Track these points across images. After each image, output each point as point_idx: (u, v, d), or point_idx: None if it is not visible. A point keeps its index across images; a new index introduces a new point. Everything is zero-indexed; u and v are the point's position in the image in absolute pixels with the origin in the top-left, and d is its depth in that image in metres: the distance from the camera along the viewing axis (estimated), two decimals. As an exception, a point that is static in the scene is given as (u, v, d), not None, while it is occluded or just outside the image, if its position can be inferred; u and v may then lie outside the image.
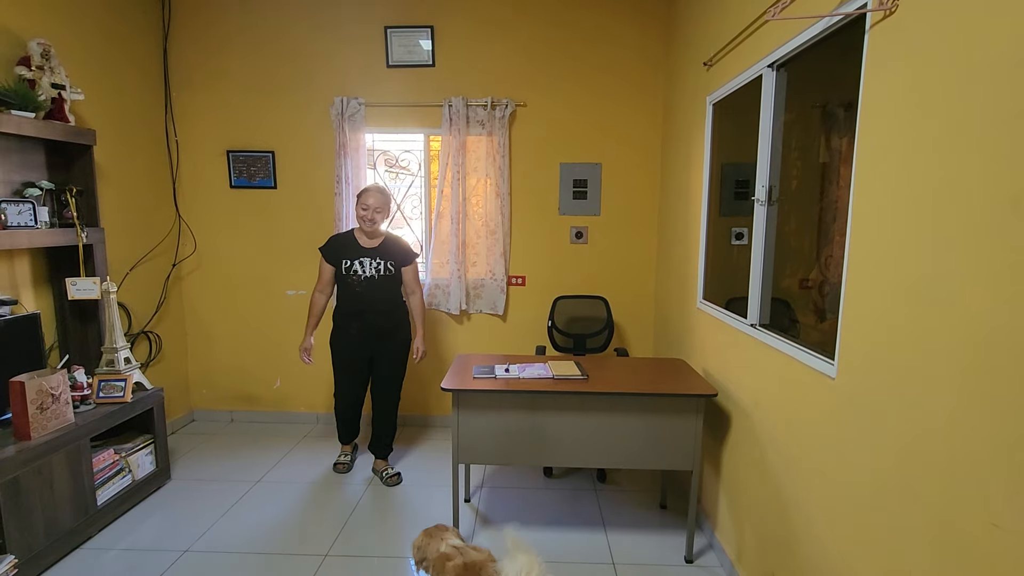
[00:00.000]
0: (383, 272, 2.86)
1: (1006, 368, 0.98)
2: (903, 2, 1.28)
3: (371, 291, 2.85)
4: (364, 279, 2.83)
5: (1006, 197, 0.98)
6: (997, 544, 0.99)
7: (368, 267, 2.83)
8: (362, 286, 2.83)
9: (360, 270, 2.83)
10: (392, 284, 2.91)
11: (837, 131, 1.95)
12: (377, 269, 2.84)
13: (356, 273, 2.83)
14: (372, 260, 2.84)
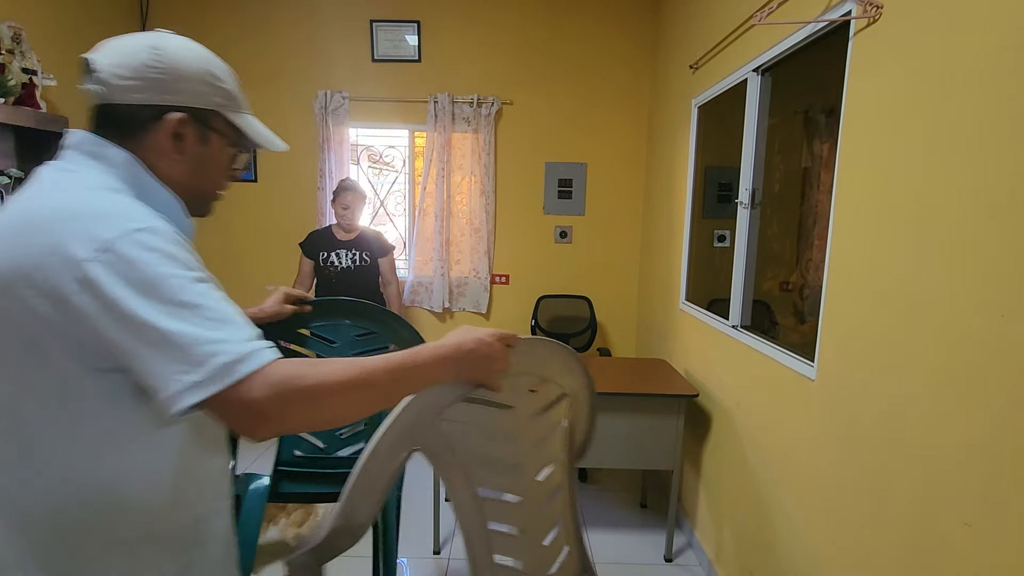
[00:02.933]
0: (359, 263, 2.94)
1: (980, 371, 1.00)
2: (887, 10, 1.30)
3: (347, 281, 2.92)
4: (340, 270, 2.91)
5: (984, 204, 1.00)
6: (969, 543, 1.01)
7: (344, 258, 2.91)
8: (338, 277, 2.91)
9: (336, 261, 2.91)
10: (368, 275, 2.99)
11: (819, 136, 1.98)
12: (353, 260, 2.92)
13: (332, 264, 2.91)
14: (348, 252, 2.92)
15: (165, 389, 0.57)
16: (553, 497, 0.96)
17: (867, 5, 1.34)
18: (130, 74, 0.69)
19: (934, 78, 1.14)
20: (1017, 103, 0.94)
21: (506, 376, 0.81)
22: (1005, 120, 0.97)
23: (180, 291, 0.60)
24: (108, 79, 0.69)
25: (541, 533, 0.94)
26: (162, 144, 0.71)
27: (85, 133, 0.71)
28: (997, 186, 0.98)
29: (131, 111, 0.70)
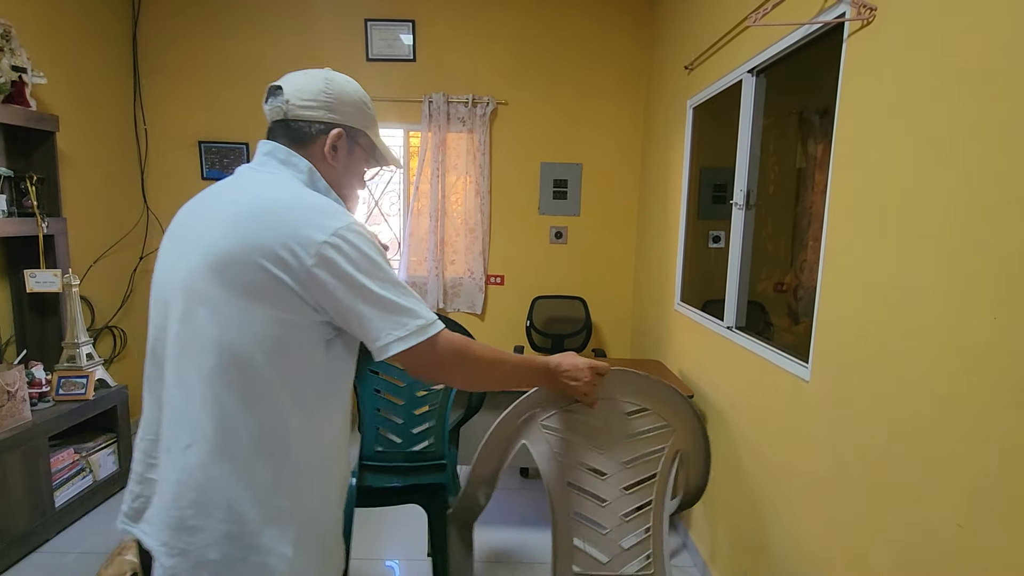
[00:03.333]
0: None
1: (973, 372, 1.00)
2: (880, 12, 1.30)
3: None
4: None
5: (977, 206, 1.00)
6: (962, 544, 1.01)
7: None
8: None
9: None
10: None
11: (813, 137, 1.98)
12: None
13: None
14: None
15: (381, 339, 0.81)
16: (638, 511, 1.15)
17: (861, 7, 1.34)
18: (308, 97, 0.92)
19: (927, 80, 1.14)
20: (1011, 104, 0.94)
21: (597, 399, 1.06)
22: (998, 122, 0.97)
23: (386, 272, 0.83)
24: (291, 99, 0.93)
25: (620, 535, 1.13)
26: (323, 152, 0.92)
27: (275, 144, 0.92)
28: (990, 188, 0.98)
29: (306, 125, 0.92)
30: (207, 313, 0.79)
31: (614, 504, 1.13)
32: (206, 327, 0.79)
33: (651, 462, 1.17)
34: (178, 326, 0.82)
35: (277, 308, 0.78)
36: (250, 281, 0.77)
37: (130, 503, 0.92)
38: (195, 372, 0.80)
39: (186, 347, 0.81)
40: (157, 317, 0.87)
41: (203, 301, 0.79)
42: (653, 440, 1.15)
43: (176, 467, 0.81)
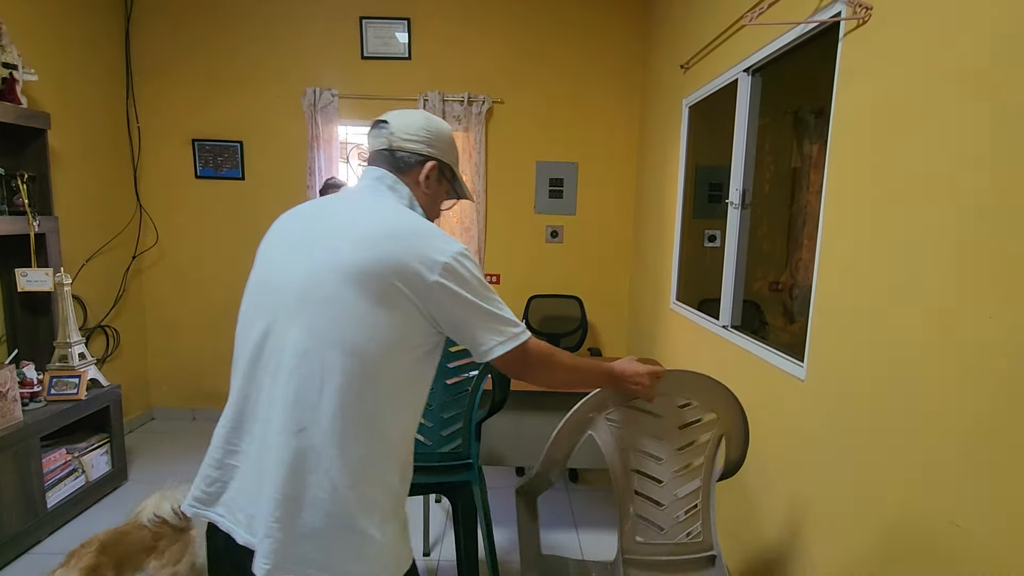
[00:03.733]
0: None
1: (968, 371, 1.00)
2: (876, 12, 1.30)
3: None
4: None
5: (972, 205, 1.01)
6: (956, 542, 1.02)
7: None
8: None
9: None
10: None
11: (809, 137, 1.99)
12: None
13: None
14: None
15: (485, 345, 0.97)
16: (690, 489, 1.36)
17: (857, 7, 1.34)
18: (411, 132, 1.07)
19: (923, 79, 1.15)
20: (1006, 103, 0.95)
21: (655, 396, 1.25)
22: (994, 122, 0.97)
23: (488, 290, 0.99)
24: (396, 132, 1.07)
25: (675, 509, 1.37)
26: (418, 180, 1.07)
27: (383, 171, 1.06)
28: (986, 187, 0.98)
29: (407, 155, 1.06)
30: (337, 314, 0.90)
31: (669, 483, 1.35)
32: (335, 326, 0.90)
33: (700, 446, 1.37)
34: (299, 323, 0.92)
35: (398, 315, 0.92)
36: (380, 291, 0.90)
37: (204, 488, 0.98)
38: (318, 364, 0.89)
39: (309, 341, 0.90)
40: (264, 314, 0.97)
41: (333, 304, 0.91)
42: (701, 428, 1.36)
43: (285, 447, 0.89)
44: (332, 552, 0.91)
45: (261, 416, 0.94)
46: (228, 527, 0.95)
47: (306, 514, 0.89)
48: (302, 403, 0.90)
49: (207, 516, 0.99)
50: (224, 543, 0.96)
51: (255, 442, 0.95)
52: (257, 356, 0.96)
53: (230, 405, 0.99)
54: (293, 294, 0.93)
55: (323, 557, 0.90)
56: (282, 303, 0.94)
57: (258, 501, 0.91)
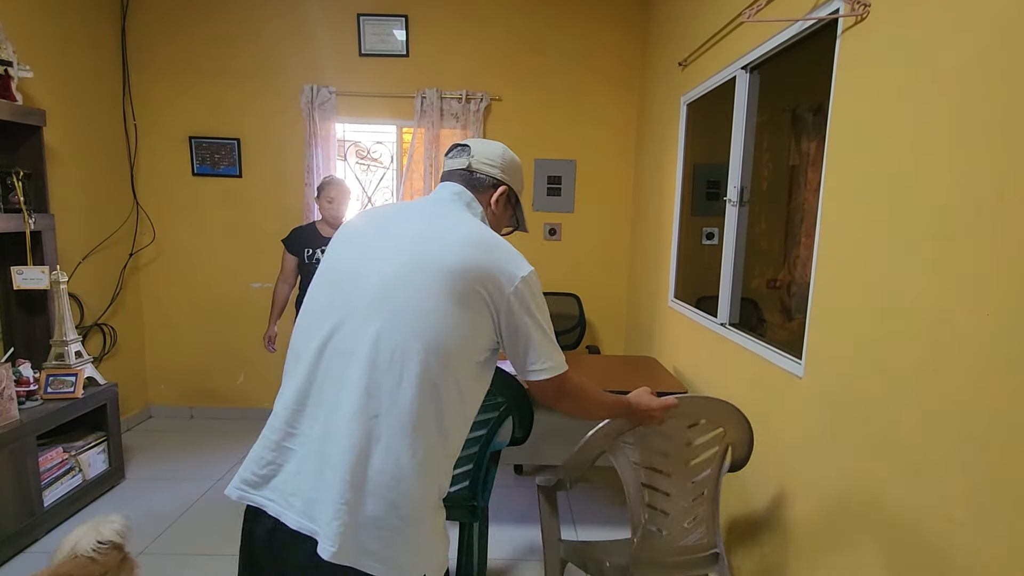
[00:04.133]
0: None
1: (966, 368, 1.00)
2: (874, 9, 1.30)
3: None
4: None
5: (971, 202, 1.01)
6: (954, 540, 1.02)
7: None
8: None
9: (321, 258, 2.83)
10: None
11: (806, 134, 1.99)
12: None
13: (317, 261, 2.84)
14: None
15: (535, 365, 1.05)
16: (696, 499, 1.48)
17: (855, 3, 1.34)
18: (490, 158, 1.17)
19: (921, 76, 1.15)
20: (1003, 100, 0.95)
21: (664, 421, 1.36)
22: (991, 119, 0.97)
23: (547, 317, 1.07)
24: (477, 156, 1.16)
25: (683, 517, 1.48)
26: (490, 201, 1.17)
27: (461, 188, 1.14)
28: (983, 184, 0.98)
29: (485, 178, 1.16)
30: (422, 310, 0.96)
31: (677, 495, 1.44)
32: (419, 320, 0.96)
33: (707, 460, 1.47)
34: (381, 314, 0.97)
35: (476, 317, 0.99)
36: (465, 293, 0.97)
37: (256, 470, 0.99)
38: (399, 354, 0.94)
39: (392, 332, 0.95)
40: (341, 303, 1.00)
41: (418, 299, 0.96)
42: (708, 443, 1.45)
43: (358, 433, 0.92)
44: (389, 543, 0.93)
45: (328, 400, 0.96)
46: (277, 511, 0.95)
47: (370, 502, 0.92)
48: (379, 391, 0.93)
49: (254, 500, 0.99)
50: (269, 528, 0.97)
51: (318, 425, 0.96)
52: (328, 343, 0.99)
53: (292, 388, 1.00)
54: (376, 287, 0.98)
55: (381, 547, 0.92)
56: (363, 295, 0.99)
57: (320, 485, 0.93)
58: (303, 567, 0.94)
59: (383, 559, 0.92)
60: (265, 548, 0.99)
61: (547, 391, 1.09)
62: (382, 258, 1.01)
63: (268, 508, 0.97)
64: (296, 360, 1.03)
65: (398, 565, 0.94)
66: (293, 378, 1.01)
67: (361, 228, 1.12)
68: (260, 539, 0.99)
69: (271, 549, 0.98)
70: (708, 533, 1.49)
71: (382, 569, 0.92)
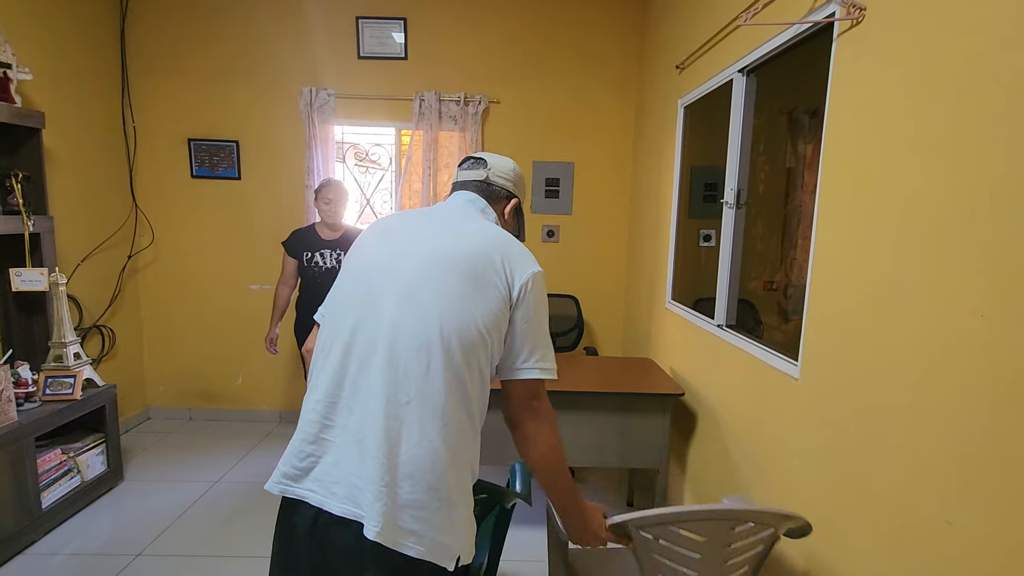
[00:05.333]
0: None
1: (962, 370, 1.01)
2: (869, 12, 1.31)
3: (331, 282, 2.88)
4: (324, 270, 2.84)
5: (966, 206, 1.02)
6: (950, 541, 1.03)
7: (329, 258, 2.84)
8: (323, 277, 2.84)
9: (321, 261, 2.84)
10: None
11: (803, 137, 2.00)
12: (337, 260, 2.85)
13: (317, 264, 2.84)
14: (332, 251, 2.85)
15: (528, 361, 1.08)
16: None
17: (850, 7, 1.35)
18: (504, 172, 1.25)
19: (916, 80, 1.16)
20: (998, 104, 0.96)
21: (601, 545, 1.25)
22: (986, 122, 0.98)
23: (547, 318, 1.13)
24: (493, 169, 1.24)
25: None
26: (503, 211, 1.25)
27: (476, 196, 1.22)
28: (978, 188, 0.99)
29: (499, 189, 1.24)
30: (446, 300, 1.01)
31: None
32: (444, 310, 1.01)
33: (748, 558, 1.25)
34: (408, 306, 1.02)
35: (495, 306, 1.04)
36: (485, 285, 1.04)
37: (296, 464, 1.03)
38: (425, 342, 0.99)
39: (418, 322, 1.00)
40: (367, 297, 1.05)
41: (443, 291, 1.02)
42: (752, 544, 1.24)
43: (393, 418, 0.98)
44: (429, 523, 0.97)
45: (363, 391, 1.00)
46: (319, 501, 0.99)
47: (407, 484, 0.96)
48: (408, 379, 0.98)
49: (296, 493, 1.02)
50: (312, 517, 1.00)
51: (354, 416, 1.00)
52: (357, 336, 1.03)
53: (324, 382, 1.04)
54: (401, 282, 1.04)
55: (421, 527, 0.96)
56: (389, 290, 1.04)
57: (361, 472, 0.97)
58: (348, 551, 0.98)
59: (423, 539, 0.96)
60: (308, 538, 1.01)
61: (526, 395, 1.10)
62: (406, 255, 1.07)
63: (310, 499, 1.00)
64: (325, 355, 1.06)
65: (437, 545, 0.97)
66: (324, 372, 1.05)
67: (384, 230, 1.17)
68: (303, 529, 1.02)
69: (314, 538, 1.01)
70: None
71: (422, 549, 0.96)
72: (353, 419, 1.00)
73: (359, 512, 0.96)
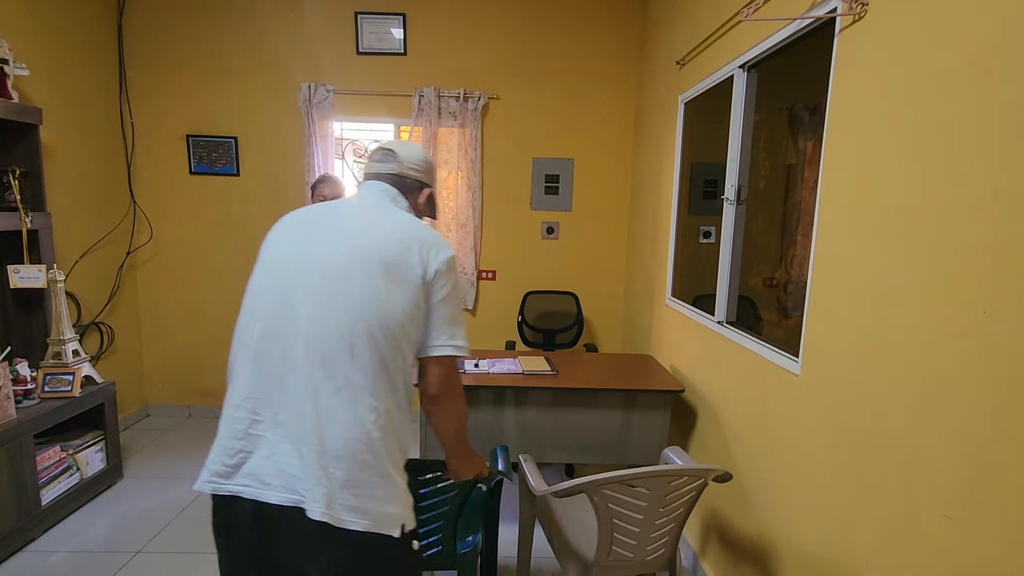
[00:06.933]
0: None
1: (962, 366, 1.01)
2: (872, 8, 1.30)
3: None
4: None
5: (967, 203, 1.01)
6: (949, 535, 1.03)
7: None
8: None
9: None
10: None
11: (803, 134, 1.99)
12: None
13: None
14: None
15: (439, 339, 1.14)
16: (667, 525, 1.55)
17: (852, 3, 1.35)
18: (416, 163, 1.31)
19: (918, 76, 1.15)
20: (999, 101, 0.95)
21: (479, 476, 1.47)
22: (988, 119, 0.98)
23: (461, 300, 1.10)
24: (404, 162, 1.29)
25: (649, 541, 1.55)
26: (416, 201, 1.32)
27: (388, 186, 1.26)
28: (979, 184, 0.99)
29: (412, 181, 1.30)
30: (366, 292, 1.06)
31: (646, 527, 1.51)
32: (364, 302, 1.06)
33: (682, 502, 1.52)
34: (328, 300, 1.06)
35: (414, 293, 1.10)
36: (402, 275, 1.09)
37: (226, 461, 1.05)
38: (348, 333, 1.04)
39: (341, 315, 1.05)
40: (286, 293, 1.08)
41: (363, 283, 1.06)
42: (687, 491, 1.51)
43: (320, 408, 1.02)
44: (370, 498, 1.03)
45: (291, 385, 1.04)
46: (255, 494, 1.02)
47: (345, 466, 1.01)
48: (338, 368, 1.03)
49: (228, 490, 1.04)
50: (250, 511, 1.03)
51: (284, 409, 1.04)
52: (281, 332, 1.06)
53: (248, 379, 1.07)
54: (323, 275, 1.07)
55: (362, 503, 1.02)
56: (310, 284, 1.07)
57: (298, 461, 1.02)
58: (296, 536, 1.02)
59: (367, 513, 1.02)
60: (250, 530, 1.04)
61: (441, 372, 1.16)
62: (323, 249, 1.10)
63: (245, 493, 1.03)
64: (246, 351, 1.09)
65: (380, 516, 1.04)
66: (247, 368, 1.08)
67: (304, 221, 1.19)
68: (243, 523, 1.05)
69: (257, 529, 1.04)
70: (669, 548, 1.58)
71: (367, 523, 1.01)
72: (283, 413, 1.04)
73: (298, 498, 1.00)
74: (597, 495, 1.44)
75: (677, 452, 1.88)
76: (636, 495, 1.46)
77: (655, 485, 1.45)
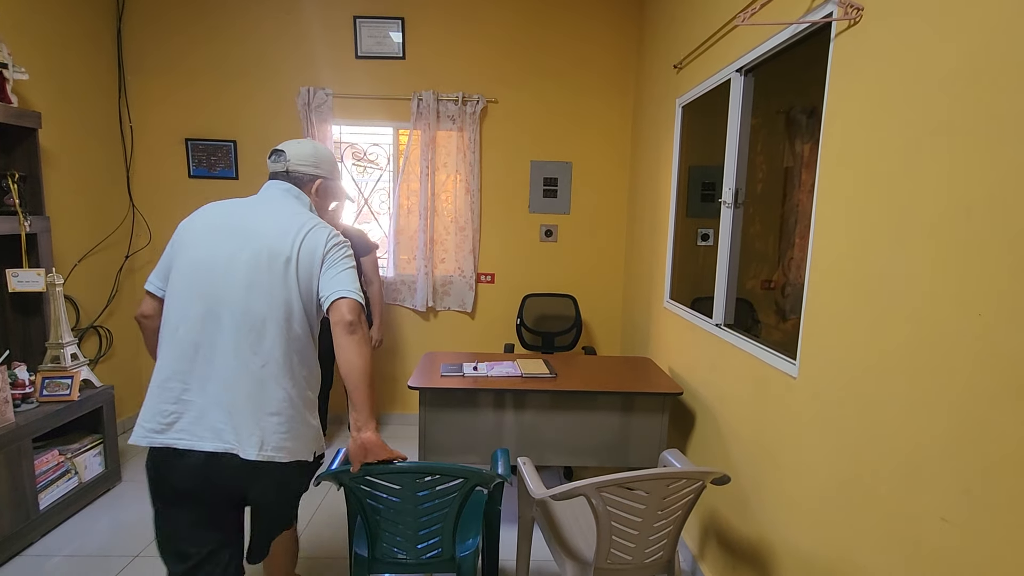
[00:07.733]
0: None
1: (958, 368, 1.02)
2: (867, 13, 1.32)
3: None
4: None
5: (961, 205, 1.02)
6: (946, 538, 1.03)
7: None
8: None
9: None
10: None
11: (800, 137, 2.00)
12: None
13: None
14: None
15: (341, 291, 1.37)
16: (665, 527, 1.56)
17: (848, 7, 1.36)
18: (302, 159, 1.53)
19: (913, 80, 1.16)
20: (995, 104, 0.96)
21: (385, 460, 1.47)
22: (981, 123, 0.98)
23: (352, 262, 1.45)
24: (292, 159, 1.53)
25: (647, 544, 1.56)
26: (312, 192, 1.55)
27: (288, 185, 1.52)
28: (973, 187, 0.99)
29: (302, 175, 1.54)
30: (272, 284, 1.34)
31: (644, 530, 1.54)
32: (271, 292, 1.34)
33: (680, 505, 1.55)
34: (244, 292, 1.33)
35: (312, 273, 1.39)
36: (302, 261, 1.38)
37: (160, 420, 1.31)
38: (262, 319, 1.33)
39: (254, 304, 1.33)
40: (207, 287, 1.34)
41: (269, 276, 1.34)
42: (685, 493, 1.53)
43: (251, 379, 1.32)
44: (292, 438, 1.37)
45: (218, 363, 1.32)
46: (190, 444, 1.30)
47: (275, 419, 1.34)
48: (258, 347, 1.33)
49: (163, 442, 1.30)
50: (183, 456, 1.30)
51: (212, 383, 1.31)
52: (205, 319, 1.32)
53: (178, 356, 1.32)
54: (235, 270, 1.34)
55: (288, 443, 1.36)
56: (226, 279, 1.33)
57: (230, 420, 1.31)
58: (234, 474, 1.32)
59: (292, 450, 1.36)
60: (187, 472, 1.30)
61: (354, 304, 1.36)
62: (231, 246, 1.36)
63: (180, 444, 1.30)
64: (173, 331, 1.33)
65: (299, 449, 1.39)
66: (173, 345, 1.33)
67: (216, 219, 1.43)
68: (180, 467, 1.30)
69: (198, 472, 1.30)
70: (667, 551, 1.62)
71: (289, 456, 1.35)
72: (212, 385, 1.31)
73: (230, 446, 1.30)
74: (596, 498, 1.45)
75: (676, 455, 1.87)
76: (635, 498, 1.47)
77: (654, 488, 1.46)
